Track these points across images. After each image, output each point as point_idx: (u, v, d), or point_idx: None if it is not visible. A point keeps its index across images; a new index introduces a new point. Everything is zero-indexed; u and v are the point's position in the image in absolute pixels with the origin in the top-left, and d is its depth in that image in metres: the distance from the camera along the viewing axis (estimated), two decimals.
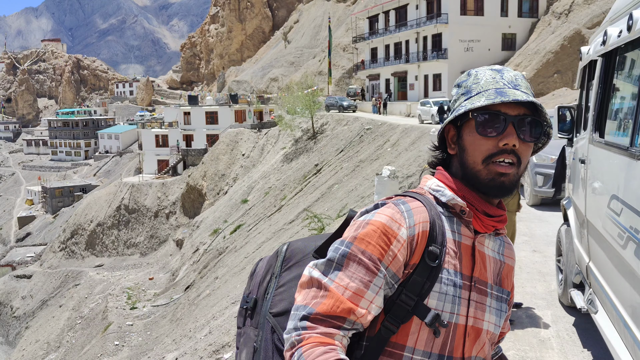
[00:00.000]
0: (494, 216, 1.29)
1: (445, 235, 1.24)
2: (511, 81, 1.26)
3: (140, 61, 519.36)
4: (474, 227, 1.28)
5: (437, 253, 1.21)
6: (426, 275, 1.20)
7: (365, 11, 54.00)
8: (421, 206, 1.25)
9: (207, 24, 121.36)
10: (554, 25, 38.35)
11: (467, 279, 1.26)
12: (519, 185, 1.32)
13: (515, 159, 1.25)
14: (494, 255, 1.34)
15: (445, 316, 1.20)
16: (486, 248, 1.32)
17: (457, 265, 1.24)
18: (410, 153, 20.47)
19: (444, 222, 1.27)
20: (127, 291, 33.25)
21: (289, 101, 40.91)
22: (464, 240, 1.28)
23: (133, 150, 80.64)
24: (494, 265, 1.34)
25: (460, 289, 1.24)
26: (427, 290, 1.19)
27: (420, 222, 1.22)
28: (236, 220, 33.21)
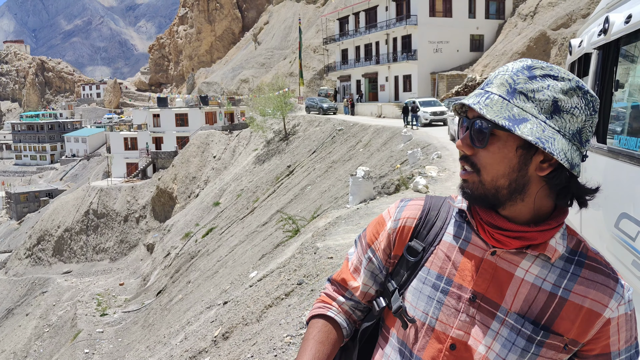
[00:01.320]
0: (503, 229, 1.14)
1: (440, 236, 1.23)
2: (489, 79, 1.16)
3: (107, 63, 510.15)
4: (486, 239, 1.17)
5: (419, 250, 1.23)
6: (406, 269, 1.25)
7: (335, 12, 54.16)
8: (419, 204, 1.30)
9: (176, 25, 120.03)
10: (520, 26, 39.14)
11: (460, 289, 1.18)
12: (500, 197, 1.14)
13: (470, 166, 1.13)
14: (535, 282, 1.14)
15: (416, 313, 1.20)
16: (519, 269, 1.15)
17: (445, 269, 1.20)
18: (383, 153, 20.58)
19: (449, 225, 1.24)
20: (96, 297, 32.60)
21: (260, 102, 40.73)
22: (471, 249, 1.19)
23: (101, 154, 79.17)
24: (528, 292, 1.14)
25: (444, 295, 1.18)
26: (405, 282, 1.24)
27: (406, 217, 1.28)
28: (208, 223, 32.89)
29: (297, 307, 6.00)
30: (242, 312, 7.69)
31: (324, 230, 9.80)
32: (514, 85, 1.10)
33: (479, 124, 1.10)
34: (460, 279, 1.18)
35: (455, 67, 40.32)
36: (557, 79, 1.10)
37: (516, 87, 1.10)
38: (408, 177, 12.67)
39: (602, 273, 1.15)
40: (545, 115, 1.08)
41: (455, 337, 1.17)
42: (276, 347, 5.00)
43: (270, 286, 7.90)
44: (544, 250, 1.13)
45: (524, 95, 1.09)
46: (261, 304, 7.30)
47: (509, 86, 1.10)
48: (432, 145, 17.50)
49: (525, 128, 1.06)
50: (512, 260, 1.16)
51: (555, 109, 1.09)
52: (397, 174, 14.42)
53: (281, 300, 6.83)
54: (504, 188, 1.11)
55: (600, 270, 1.15)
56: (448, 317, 1.18)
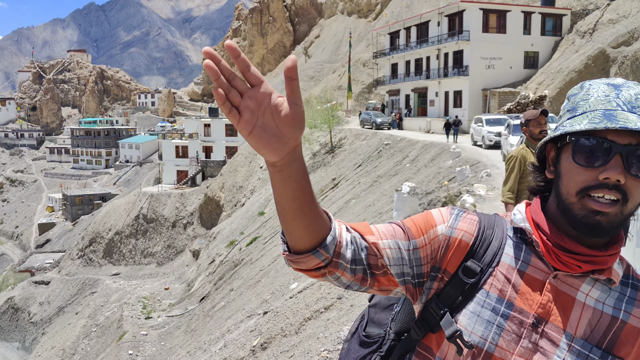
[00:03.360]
0: (574, 253, 1.10)
1: (499, 257, 1.16)
2: (628, 101, 1.07)
3: (162, 73, 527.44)
4: (549, 262, 1.12)
5: (477, 271, 1.15)
6: (460, 290, 1.15)
7: (387, 27, 54.15)
8: (474, 219, 1.21)
9: (229, 37, 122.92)
10: (578, 44, 38.01)
11: (522, 313, 1.11)
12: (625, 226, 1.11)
13: (620, 196, 1.05)
14: (596, 306, 1.12)
15: (473, 338, 1.12)
16: (580, 293, 1.12)
17: (506, 292, 1.13)
18: (430, 169, 20.29)
19: (506, 246, 1.18)
20: (142, 300, 33.32)
21: (308, 115, 41.01)
22: (531, 271, 1.13)
23: (153, 160, 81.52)
24: (591, 316, 1.11)
25: (505, 319, 1.11)
26: (460, 305, 1.15)
27: (463, 230, 1.19)
28: (252, 232, 33.17)
29: (335, 322, 5.95)
30: (281, 323, 7.68)
31: None
32: None
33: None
34: (522, 302, 1.12)
35: (507, 84, 39.50)
36: None
37: None
38: (455, 195, 12.43)
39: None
40: None
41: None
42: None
43: (310, 299, 7.87)
44: (610, 275, 1.11)
45: None
46: (300, 316, 7.27)
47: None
48: (481, 163, 17.13)
49: None
50: (573, 283, 1.13)
51: None
52: (444, 191, 14.17)
53: (320, 313, 6.78)
54: (630, 215, 1.09)
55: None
56: (508, 343, 1.11)
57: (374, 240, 1.17)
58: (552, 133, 1.15)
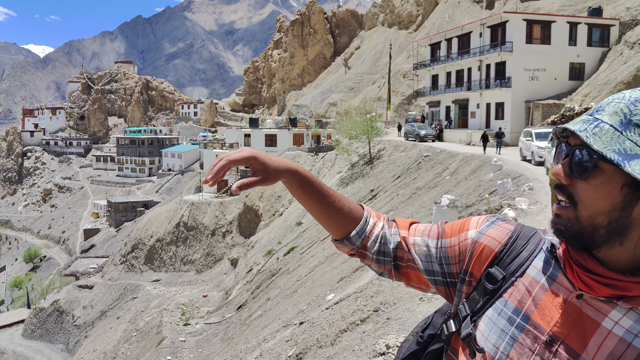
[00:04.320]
0: (593, 272, 1.02)
1: (524, 268, 1.14)
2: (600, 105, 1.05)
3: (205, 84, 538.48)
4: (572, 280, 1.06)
5: (499, 278, 1.15)
6: (482, 295, 1.17)
7: (427, 38, 53.84)
8: (508, 228, 1.22)
9: (271, 49, 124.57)
10: (627, 55, 36.84)
11: (537, 329, 1.07)
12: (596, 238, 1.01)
13: (566, 198, 1.03)
14: (625, 336, 1.00)
15: (486, 345, 1.11)
16: (607, 319, 1.02)
17: (524, 304, 1.10)
18: (470, 182, 19.96)
19: (536, 259, 1.15)
20: (181, 307, 33.77)
21: (347, 126, 41.04)
22: (555, 288, 1.08)
23: (194, 169, 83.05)
24: (615, 346, 1.00)
25: (519, 331, 1.08)
26: (480, 310, 1.16)
27: (491, 236, 1.21)
28: (290, 242, 33.27)
29: (371, 335, 5.90)
30: (317, 334, 7.67)
31: None
32: (630, 116, 0.98)
33: (581, 153, 1.00)
34: (539, 317, 1.08)
35: (552, 96, 38.57)
36: None
37: (632, 119, 0.98)
38: (496, 209, 12.19)
39: None
40: None
41: None
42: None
43: (346, 310, 7.84)
44: (638, 305, 1.00)
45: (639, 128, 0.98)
46: (336, 327, 7.24)
47: (624, 116, 0.98)
48: (523, 177, 16.74)
49: (637, 165, 0.94)
50: (601, 308, 1.04)
51: None
52: (484, 204, 13.91)
53: (356, 325, 6.74)
54: (602, 227, 1.00)
55: None
56: (520, 356, 1.07)
57: (404, 234, 1.32)
58: None
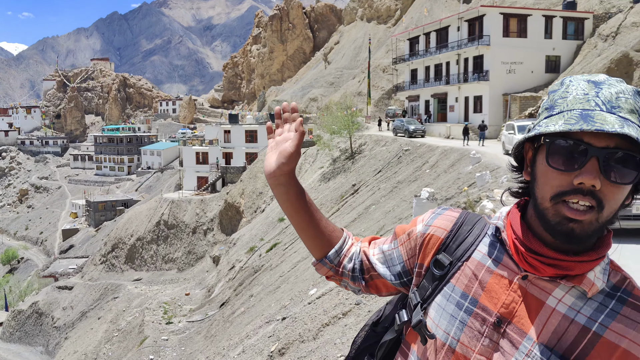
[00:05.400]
0: (538, 254, 1.05)
1: (470, 253, 1.16)
2: (608, 100, 1.00)
3: (183, 80, 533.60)
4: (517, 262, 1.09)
5: (445, 264, 1.17)
6: (431, 282, 1.19)
7: (406, 33, 54.05)
8: (452, 216, 1.24)
9: (249, 44, 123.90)
10: (600, 47, 37.45)
11: (485, 311, 1.09)
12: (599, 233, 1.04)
13: (595, 203, 0.99)
14: (568, 313, 1.05)
15: (437, 331, 1.13)
16: (551, 298, 1.06)
17: (471, 288, 1.12)
18: (450, 175, 20.14)
19: (481, 243, 1.17)
20: (163, 306, 33.53)
21: (328, 121, 41.05)
22: (500, 270, 1.11)
23: (174, 167, 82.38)
24: (559, 323, 1.05)
25: (468, 315, 1.10)
26: (429, 297, 1.18)
27: (437, 226, 1.23)
28: (272, 238, 33.21)
29: (353, 328, 5.93)
30: (299, 328, 7.68)
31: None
32: None
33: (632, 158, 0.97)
34: (487, 300, 1.10)
35: (529, 89, 39.06)
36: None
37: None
38: (475, 201, 12.31)
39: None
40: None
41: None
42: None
43: (328, 305, 7.86)
44: (580, 283, 1.04)
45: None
46: (318, 322, 7.26)
47: (638, 114, 1.00)
48: (501, 169, 16.93)
49: None
50: (544, 287, 1.07)
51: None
52: (463, 196, 14.05)
53: (338, 319, 6.77)
54: (608, 222, 1.03)
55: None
56: (470, 339, 1.09)
57: (364, 247, 1.36)
58: (528, 132, 1.09)
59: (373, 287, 1.34)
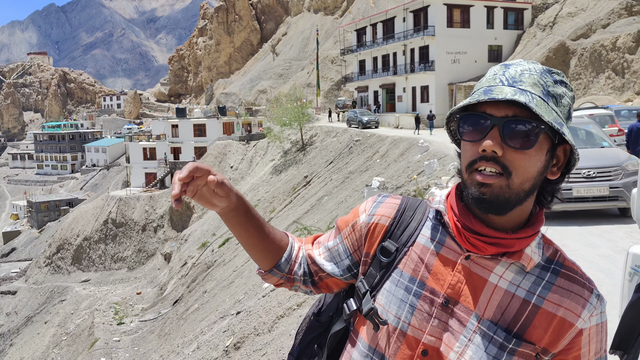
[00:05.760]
0: (479, 234, 1.10)
1: (415, 238, 1.19)
2: (511, 77, 1.08)
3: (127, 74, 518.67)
4: (460, 243, 1.13)
5: (392, 250, 1.20)
6: (378, 269, 1.21)
7: (353, 24, 54.37)
8: (395, 203, 1.26)
9: (195, 37, 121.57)
10: (539, 37, 38.84)
11: (433, 293, 1.13)
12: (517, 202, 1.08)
13: (500, 169, 1.05)
14: (509, 289, 1.11)
15: (388, 317, 1.16)
16: (493, 275, 1.12)
17: (419, 272, 1.16)
18: (400, 164, 20.47)
19: (424, 227, 1.20)
20: (114, 306, 32.78)
21: (278, 113, 40.89)
22: (445, 252, 1.15)
23: (120, 164, 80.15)
24: (502, 298, 1.11)
25: (417, 298, 1.14)
26: (378, 284, 1.20)
27: (381, 214, 1.25)
28: (225, 233, 32.93)
29: None
30: (254, 322, 7.65)
31: None
32: (547, 88, 1.08)
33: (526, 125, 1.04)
34: (434, 282, 1.14)
35: (473, 78, 40.12)
36: (567, 86, 1.10)
37: (548, 90, 1.08)
38: (424, 188, 12.57)
39: (578, 283, 1.12)
40: (565, 121, 1.09)
41: (427, 343, 1.13)
42: (285, 357, 4.93)
43: (282, 296, 7.86)
44: (519, 259, 1.10)
45: (555, 98, 1.08)
46: (273, 314, 7.26)
47: (543, 88, 1.07)
48: (448, 156, 17.35)
49: (566, 132, 1.06)
50: (486, 265, 1.12)
51: (569, 117, 1.10)
52: (413, 184, 14.31)
53: (293, 310, 6.78)
54: (526, 192, 1.07)
55: (575, 280, 1.13)
56: (420, 322, 1.13)
57: (309, 250, 1.33)
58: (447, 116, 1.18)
59: (324, 287, 1.33)
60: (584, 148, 9.21)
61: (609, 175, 8.51)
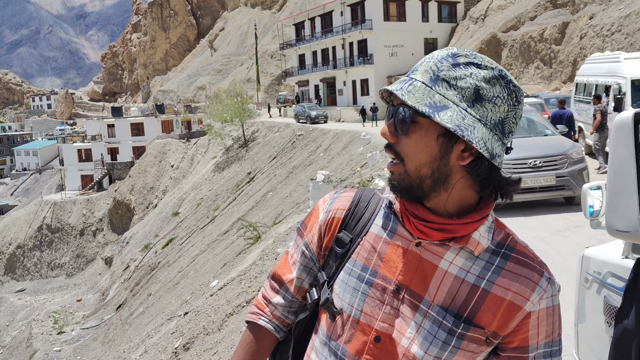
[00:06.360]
0: (426, 220, 1.11)
1: (368, 228, 1.21)
2: (414, 67, 1.14)
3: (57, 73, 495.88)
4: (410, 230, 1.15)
5: (346, 241, 1.22)
6: (334, 260, 1.23)
7: (291, 18, 54.24)
8: (349, 196, 1.28)
9: (129, 33, 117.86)
10: (472, 29, 40.10)
11: (385, 280, 1.15)
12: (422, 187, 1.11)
13: (394, 155, 1.11)
14: (459, 274, 1.12)
15: (343, 305, 1.18)
16: (443, 261, 1.13)
17: (371, 260, 1.17)
18: (343, 157, 20.66)
19: (377, 217, 1.22)
20: (53, 315, 31.53)
21: (218, 109, 40.31)
22: (396, 240, 1.16)
23: (54, 167, 76.74)
24: (451, 284, 1.12)
25: (369, 286, 1.15)
26: (334, 274, 1.22)
27: (336, 208, 1.26)
28: (168, 233, 32.28)
29: None
30: (202, 321, 7.54)
31: (285, 235, 9.72)
32: (437, 72, 1.08)
33: (403, 110, 1.07)
34: (386, 270, 1.15)
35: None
36: (481, 67, 1.08)
37: (439, 74, 1.08)
38: (368, 180, 12.74)
39: (527, 266, 1.13)
40: (467, 103, 1.06)
41: (379, 330, 1.14)
42: None
43: (231, 294, 7.78)
44: (466, 244, 1.11)
45: (447, 82, 1.07)
46: (222, 312, 7.17)
47: (433, 73, 1.08)
48: None
49: (445, 115, 1.04)
50: (437, 251, 1.13)
51: (477, 98, 1.07)
52: (357, 177, 14.48)
53: (242, 307, 6.72)
54: (427, 178, 1.09)
55: (525, 264, 1.13)
56: (373, 309, 1.15)
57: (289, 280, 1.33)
58: None
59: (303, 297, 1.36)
60: (527, 137, 9.10)
61: (555, 165, 8.43)
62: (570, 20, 29.40)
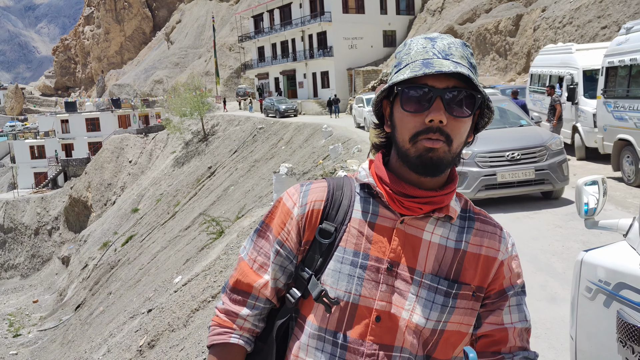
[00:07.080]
0: (413, 197, 1.18)
1: (350, 214, 1.23)
2: (442, 50, 1.16)
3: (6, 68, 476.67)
4: (395, 209, 1.20)
5: (331, 231, 1.23)
6: (319, 252, 1.23)
7: (250, 10, 53.67)
8: (322, 186, 1.28)
9: (81, 25, 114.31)
10: (429, 22, 40.61)
11: (378, 261, 1.19)
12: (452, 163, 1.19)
13: (444, 137, 1.14)
14: (441, 242, 1.21)
15: (338, 294, 1.19)
16: (425, 232, 1.21)
17: (361, 245, 1.20)
18: (305, 150, 20.66)
19: (355, 203, 1.25)
20: (7, 318, 30.55)
21: (177, 103, 39.63)
22: (381, 221, 1.21)
23: (4, 164, 73.89)
24: (437, 252, 1.21)
25: (363, 270, 1.19)
26: (321, 266, 1.22)
27: (313, 200, 1.26)
28: (127, 231, 31.67)
29: None
30: (167, 318, 7.42)
31: (249, 229, 9.66)
32: (469, 59, 1.18)
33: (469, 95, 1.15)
34: (376, 251, 1.20)
35: (370, 63, 41.17)
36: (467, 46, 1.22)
37: (471, 62, 1.18)
38: (330, 172, 12.77)
39: (489, 224, 1.28)
40: None
41: (379, 309, 1.18)
42: (205, 350, 4.84)
43: (196, 290, 7.69)
44: (448, 212, 1.22)
45: (475, 69, 1.18)
46: (187, 308, 7.08)
47: (467, 60, 1.17)
48: (352, 140, 17.75)
49: None
50: (418, 225, 1.21)
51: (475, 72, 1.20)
52: (320, 169, 14.50)
53: (208, 302, 6.65)
54: (458, 154, 1.19)
55: (487, 222, 1.28)
56: (370, 290, 1.19)
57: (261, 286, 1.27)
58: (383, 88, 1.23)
59: None
60: (502, 127, 8.57)
61: (534, 157, 7.86)
62: (524, 12, 30.12)
